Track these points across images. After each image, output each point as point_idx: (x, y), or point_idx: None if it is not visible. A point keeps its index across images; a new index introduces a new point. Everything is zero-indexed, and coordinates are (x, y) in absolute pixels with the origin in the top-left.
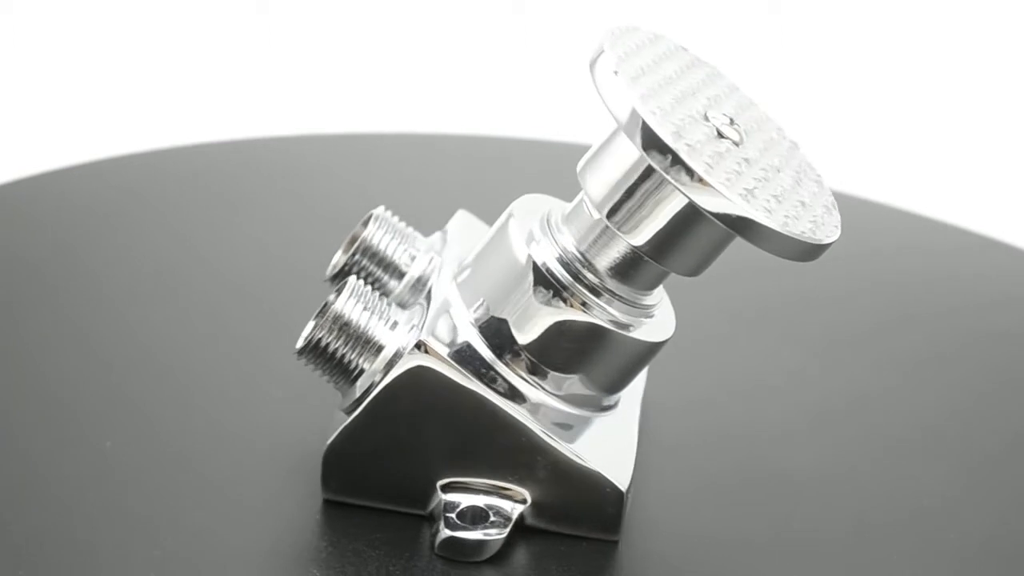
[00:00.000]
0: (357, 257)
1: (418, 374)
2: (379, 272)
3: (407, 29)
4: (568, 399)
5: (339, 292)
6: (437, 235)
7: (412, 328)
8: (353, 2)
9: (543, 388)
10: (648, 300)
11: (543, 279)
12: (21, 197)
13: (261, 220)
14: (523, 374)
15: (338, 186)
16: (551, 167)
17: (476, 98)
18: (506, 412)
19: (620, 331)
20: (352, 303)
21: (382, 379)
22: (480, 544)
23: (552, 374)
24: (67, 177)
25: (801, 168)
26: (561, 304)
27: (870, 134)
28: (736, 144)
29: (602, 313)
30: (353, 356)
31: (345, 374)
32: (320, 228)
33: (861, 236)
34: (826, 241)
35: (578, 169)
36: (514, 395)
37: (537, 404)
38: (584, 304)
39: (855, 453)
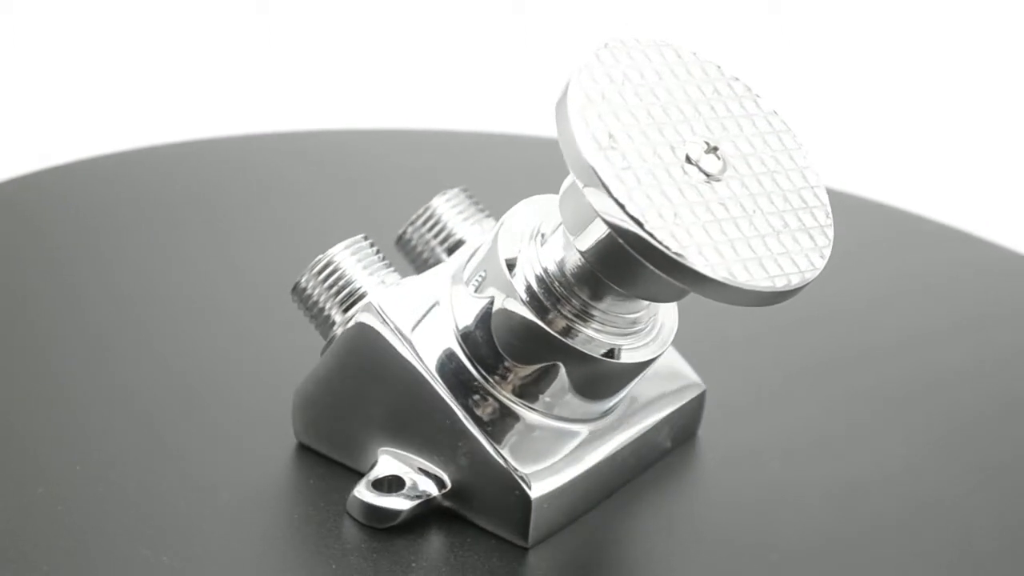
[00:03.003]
0: (417, 225)
1: (361, 333)
2: (434, 243)
3: (419, 25)
4: (557, 417)
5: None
6: None
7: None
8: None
9: (532, 408)
10: (638, 316)
11: (524, 301)
12: (30, 192)
13: (279, 213)
14: (509, 395)
15: (380, 180)
16: None
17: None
18: (435, 390)
19: (599, 355)
20: (346, 255)
21: (340, 332)
22: (380, 511)
23: (541, 398)
24: (68, 172)
25: (803, 218)
26: (541, 325)
27: (874, 134)
28: (707, 175)
29: (583, 338)
30: (330, 305)
31: (323, 322)
32: (352, 220)
33: (865, 238)
34: (750, 287)
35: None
36: (506, 415)
37: (531, 425)
38: (567, 330)
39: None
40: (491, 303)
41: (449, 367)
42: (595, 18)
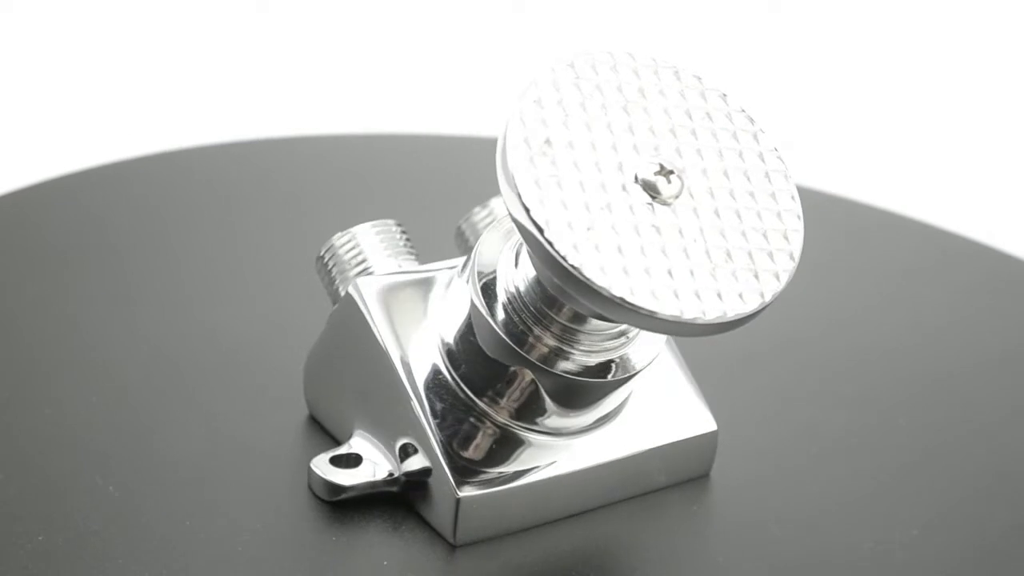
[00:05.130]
0: (473, 222)
1: (347, 307)
2: None
3: (415, 29)
4: (525, 426)
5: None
6: None
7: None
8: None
9: (500, 411)
10: (616, 329)
11: (500, 322)
12: (26, 205)
13: (301, 213)
14: (475, 396)
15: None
16: None
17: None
18: (398, 375)
19: (569, 372)
20: (370, 233)
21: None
22: (326, 484)
23: (509, 404)
24: (68, 184)
25: (756, 259)
26: (508, 341)
27: (875, 137)
28: (652, 197)
29: (562, 360)
30: (341, 279)
31: (334, 293)
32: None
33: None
34: (648, 312)
35: None
36: (468, 414)
37: (495, 428)
38: (552, 355)
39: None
40: (469, 309)
41: (420, 358)
42: (619, 25)
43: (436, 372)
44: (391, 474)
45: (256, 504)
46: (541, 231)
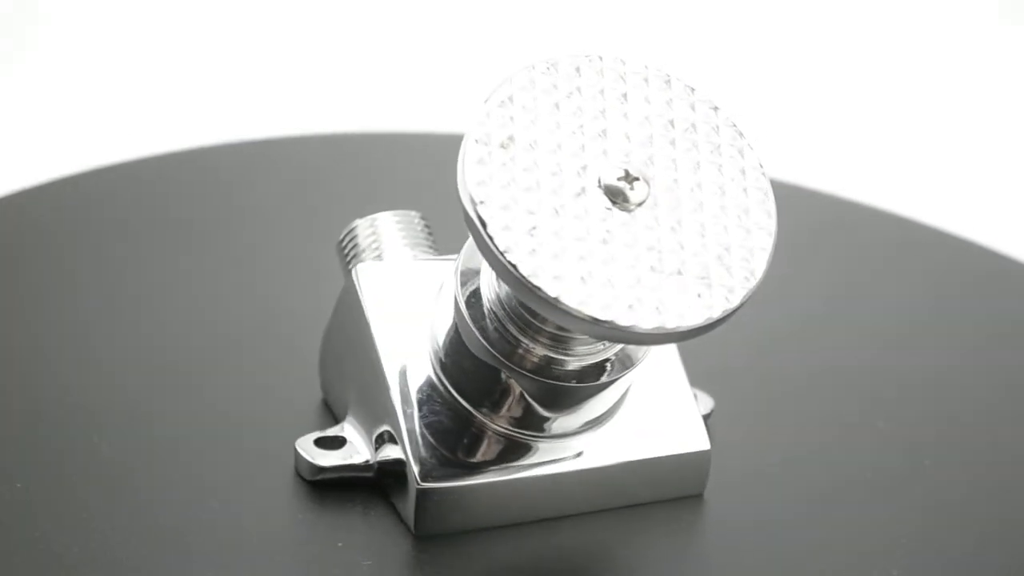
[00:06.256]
0: None
1: (348, 291)
2: None
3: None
4: (509, 423)
5: None
6: None
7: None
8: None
9: (504, 426)
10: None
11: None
12: (26, 205)
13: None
14: (485, 416)
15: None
16: None
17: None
18: (379, 362)
19: (556, 381)
20: (391, 222)
21: None
22: (304, 463)
23: (517, 418)
24: (68, 184)
25: (713, 272)
26: (491, 350)
27: (874, 137)
28: (612, 202)
29: (541, 362)
30: (355, 264)
31: (347, 277)
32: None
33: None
34: (578, 313)
35: None
36: (446, 406)
37: (475, 424)
38: (531, 357)
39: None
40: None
41: (407, 348)
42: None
43: (420, 364)
44: (367, 461)
45: (242, 479)
46: (484, 226)
